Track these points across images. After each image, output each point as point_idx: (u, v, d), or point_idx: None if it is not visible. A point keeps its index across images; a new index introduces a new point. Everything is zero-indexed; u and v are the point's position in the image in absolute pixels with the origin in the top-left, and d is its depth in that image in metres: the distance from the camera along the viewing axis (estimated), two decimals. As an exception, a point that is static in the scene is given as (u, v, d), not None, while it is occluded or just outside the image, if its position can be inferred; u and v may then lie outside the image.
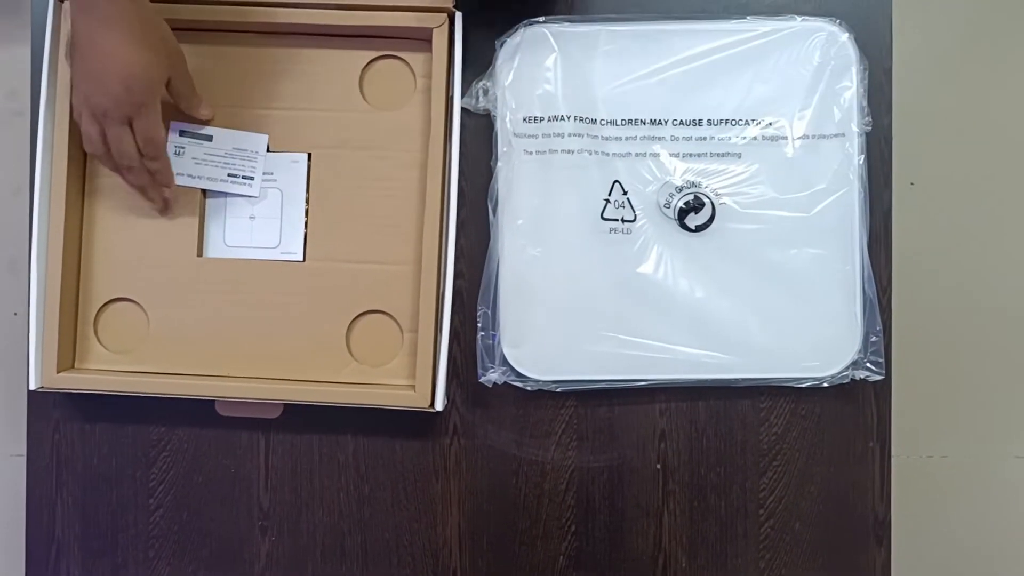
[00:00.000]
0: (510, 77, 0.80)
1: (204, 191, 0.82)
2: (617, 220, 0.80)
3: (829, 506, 0.81)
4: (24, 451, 0.85)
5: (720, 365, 0.79)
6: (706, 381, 0.80)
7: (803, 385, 0.80)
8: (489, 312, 0.80)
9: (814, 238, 0.79)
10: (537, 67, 0.80)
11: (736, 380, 0.80)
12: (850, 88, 0.79)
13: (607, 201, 0.80)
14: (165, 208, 0.80)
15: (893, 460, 0.81)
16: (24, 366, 0.78)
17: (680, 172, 0.80)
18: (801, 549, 0.81)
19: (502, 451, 0.82)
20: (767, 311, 0.79)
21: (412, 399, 0.78)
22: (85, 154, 0.82)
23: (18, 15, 1.30)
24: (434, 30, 0.78)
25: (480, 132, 0.82)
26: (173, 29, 0.80)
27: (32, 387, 0.78)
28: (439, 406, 0.77)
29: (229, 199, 0.82)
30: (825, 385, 0.79)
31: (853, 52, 0.79)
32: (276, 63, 0.81)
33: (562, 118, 0.80)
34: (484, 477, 0.82)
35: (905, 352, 0.86)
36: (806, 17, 0.80)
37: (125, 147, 0.73)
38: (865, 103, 0.80)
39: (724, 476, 0.82)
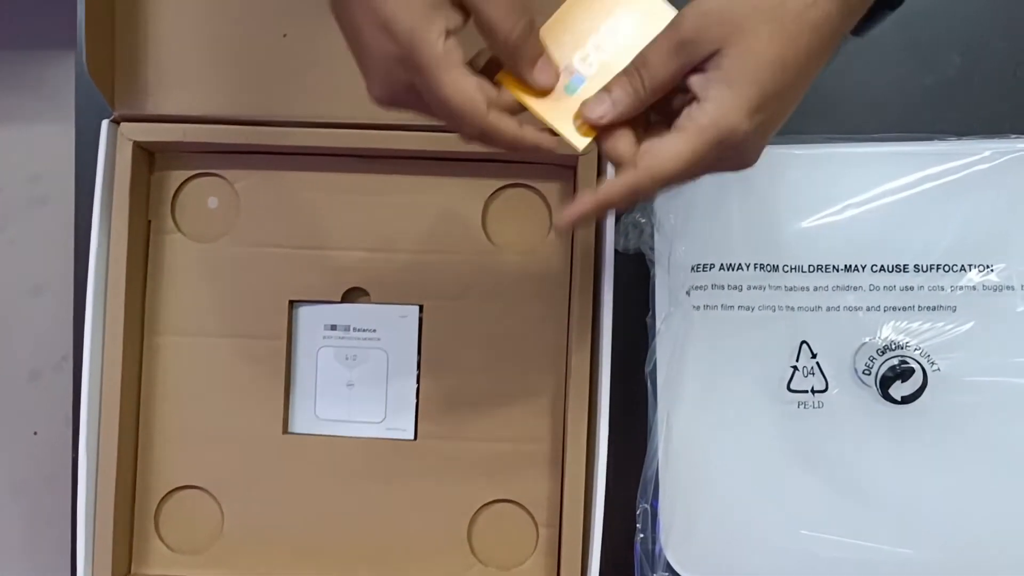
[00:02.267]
0: (676, 216, 0.64)
1: (289, 352, 0.66)
2: (806, 391, 0.65)
3: None
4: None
5: (934, 568, 0.64)
6: (914, 588, 0.65)
7: (1038, 592, 0.64)
8: (649, 507, 0.64)
9: (1050, 411, 0.64)
10: (708, 203, 0.65)
11: (952, 586, 0.65)
12: (1092, 226, 0.65)
13: (795, 368, 0.65)
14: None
15: None
16: (49, 491, 0.62)
17: (882, 330, 0.65)
18: None
19: (659, 671, 0.67)
20: (996, 502, 0.64)
21: (556, 617, 0.62)
22: (143, 306, 0.66)
23: (40, 89, 1.15)
24: (579, 158, 0.63)
25: (628, 278, 0.66)
26: (249, 153, 0.66)
27: (81, 605, 0.63)
28: (591, 628, 0.61)
29: (321, 362, 0.67)
30: (1071, 595, 0.64)
31: (1096, 180, 0.65)
32: (378, 193, 0.66)
33: (740, 267, 0.64)
34: None
35: None
36: (1035, 138, 0.65)
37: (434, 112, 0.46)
38: (1108, 243, 0.65)
39: None
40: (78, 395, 0.63)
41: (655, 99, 0.45)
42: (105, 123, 0.63)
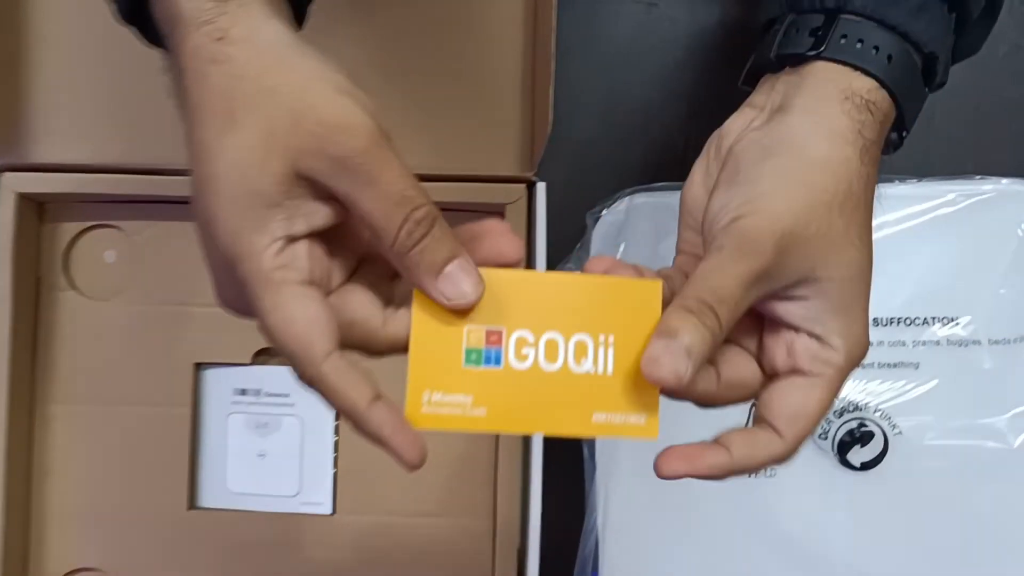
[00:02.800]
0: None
1: (195, 420, 0.61)
2: (758, 458, 0.59)
3: None
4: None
5: (898, 649, 0.59)
6: (878, 669, 0.60)
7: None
8: (588, 587, 0.59)
9: (1018, 477, 0.59)
10: (646, 250, 0.60)
11: (918, 666, 0.60)
12: (1065, 273, 0.60)
13: (744, 434, 0.59)
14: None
15: None
16: None
17: (839, 390, 0.60)
18: None
19: None
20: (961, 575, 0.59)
21: None
22: (33, 372, 0.60)
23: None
24: (507, 207, 0.58)
25: (566, 334, 0.61)
26: (148, 203, 0.60)
27: None
28: None
29: (231, 430, 0.61)
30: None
31: (1070, 225, 0.60)
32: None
33: (683, 323, 0.59)
34: None
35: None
36: (1001, 180, 0.60)
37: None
38: (1082, 291, 0.60)
39: None
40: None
41: None
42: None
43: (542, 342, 0.34)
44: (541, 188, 0.58)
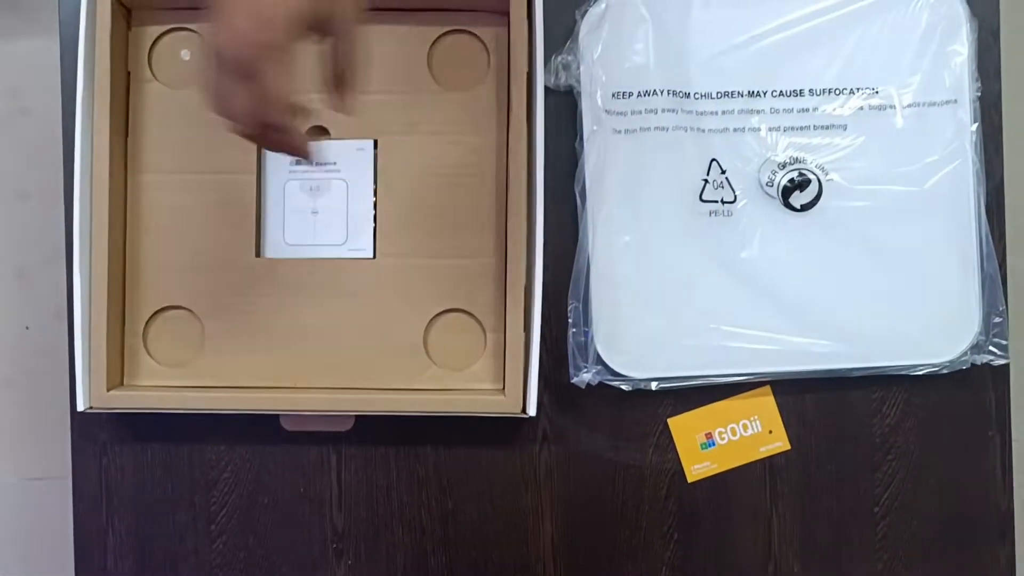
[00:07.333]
0: (598, 50, 0.73)
1: (259, 185, 0.74)
2: (717, 202, 0.73)
3: (948, 501, 0.76)
4: (49, 473, 0.78)
5: (829, 355, 0.74)
6: (814, 373, 0.74)
7: (919, 373, 0.74)
8: (580, 307, 0.73)
9: (928, 213, 0.73)
10: (626, 37, 0.73)
11: (847, 370, 0.74)
12: (961, 52, 0.73)
13: (705, 181, 0.73)
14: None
15: (1014, 447, 0.76)
16: (42, 382, 0.70)
17: (782, 147, 0.74)
18: (920, 548, 0.76)
19: (596, 457, 0.76)
20: (879, 294, 0.74)
21: (502, 404, 0.71)
22: (126, 147, 0.74)
23: (17, 9, 1.20)
24: (511, 0, 0.71)
25: (560, 112, 0.75)
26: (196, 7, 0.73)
27: (80, 408, 0.71)
28: (532, 411, 0.70)
29: (288, 193, 0.75)
30: (945, 372, 0.74)
31: (963, 12, 0.74)
32: (334, 42, 0.74)
33: (654, 92, 0.73)
34: (578, 486, 0.76)
35: (1019, 330, 0.81)
36: (909, -23, 0.74)
37: (237, 104, 0.52)
38: (975, 67, 0.74)
39: (836, 473, 0.76)
40: (70, 230, 0.71)
41: None
42: (84, -18, 0.70)
43: None
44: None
